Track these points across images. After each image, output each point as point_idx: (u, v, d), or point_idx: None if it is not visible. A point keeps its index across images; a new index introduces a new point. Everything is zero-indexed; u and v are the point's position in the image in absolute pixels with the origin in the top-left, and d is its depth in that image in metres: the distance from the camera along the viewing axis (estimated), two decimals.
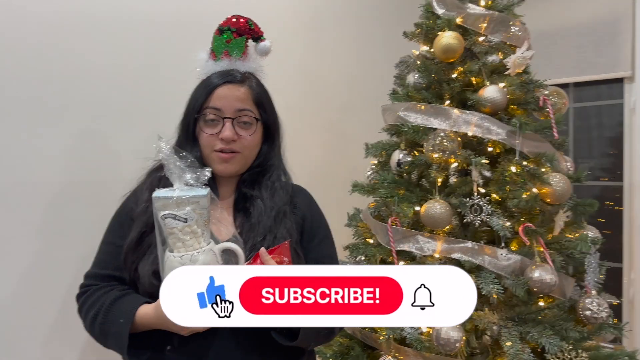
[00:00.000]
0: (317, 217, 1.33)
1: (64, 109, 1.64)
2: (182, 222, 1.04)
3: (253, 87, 1.26)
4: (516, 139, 1.74)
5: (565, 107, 1.91)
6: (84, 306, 1.19)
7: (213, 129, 1.21)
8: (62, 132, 1.64)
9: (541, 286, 1.67)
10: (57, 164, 1.63)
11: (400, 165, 1.90)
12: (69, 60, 1.65)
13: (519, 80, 1.84)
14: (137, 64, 1.81)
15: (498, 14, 1.88)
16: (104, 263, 1.24)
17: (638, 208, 2.51)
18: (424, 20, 2.02)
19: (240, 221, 1.22)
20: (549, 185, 1.73)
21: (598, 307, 1.72)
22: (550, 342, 1.61)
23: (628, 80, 2.65)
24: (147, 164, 1.30)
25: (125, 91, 1.78)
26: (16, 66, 1.54)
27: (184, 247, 1.06)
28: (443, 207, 1.73)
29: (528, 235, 1.72)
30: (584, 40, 2.71)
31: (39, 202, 1.57)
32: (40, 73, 1.58)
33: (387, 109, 1.97)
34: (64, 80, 1.63)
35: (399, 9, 2.82)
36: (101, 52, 1.72)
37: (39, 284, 1.58)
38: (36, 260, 1.57)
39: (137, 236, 1.18)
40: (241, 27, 1.32)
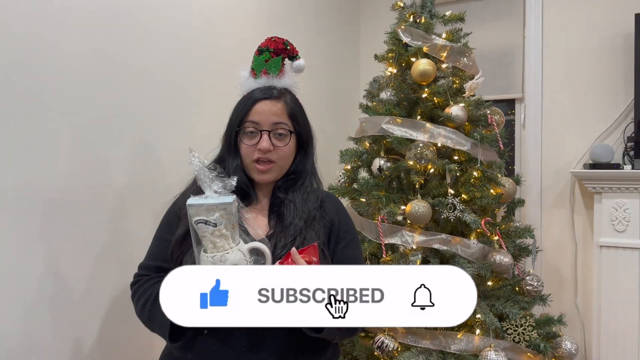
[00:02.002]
0: (345, 222, 1.42)
1: (112, 114, 1.71)
2: (212, 227, 1.17)
3: (288, 102, 1.39)
4: (478, 149, 2.15)
5: (502, 124, 2.37)
6: (135, 294, 1.32)
7: (252, 140, 1.34)
8: (112, 140, 1.74)
9: (500, 268, 2.09)
10: (120, 168, 1.76)
11: (381, 171, 2.20)
12: (113, 67, 1.73)
13: (474, 101, 2.26)
14: (178, 78, 1.99)
15: (457, 45, 2.28)
16: (154, 255, 1.37)
17: (528, 201, 3.11)
18: (391, 46, 2.35)
19: (273, 223, 1.35)
20: (502, 187, 2.17)
21: (537, 282, 2.20)
22: (511, 312, 2.04)
23: (519, 101, 3.27)
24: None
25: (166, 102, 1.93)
26: (55, 74, 1.56)
27: (215, 248, 1.18)
28: (425, 206, 2.07)
29: (488, 226, 2.13)
30: (486, 65, 3.27)
31: (47, 206, 1.58)
32: (84, 79, 1.62)
33: (368, 120, 2.25)
34: (113, 85, 1.72)
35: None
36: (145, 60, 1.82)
37: (55, 286, 1.61)
38: (50, 263, 1.59)
39: (182, 233, 1.31)
40: (278, 48, 1.45)
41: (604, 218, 2.78)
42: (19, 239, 1.48)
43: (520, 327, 2.05)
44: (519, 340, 2.04)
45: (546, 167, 3.09)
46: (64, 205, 1.60)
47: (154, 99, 1.91)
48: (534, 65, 3.13)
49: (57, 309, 1.58)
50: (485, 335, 2.00)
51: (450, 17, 2.34)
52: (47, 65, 1.55)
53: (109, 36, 1.74)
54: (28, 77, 1.50)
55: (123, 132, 1.79)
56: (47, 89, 1.55)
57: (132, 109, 1.83)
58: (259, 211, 1.38)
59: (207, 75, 2.14)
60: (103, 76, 1.72)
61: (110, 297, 1.75)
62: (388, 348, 1.97)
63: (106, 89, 1.73)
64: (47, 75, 1.55)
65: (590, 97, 2.95)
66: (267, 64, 1.42)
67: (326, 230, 1.37)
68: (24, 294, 1.50)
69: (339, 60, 3.32)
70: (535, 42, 3.13)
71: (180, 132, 2.02)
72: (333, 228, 1.38)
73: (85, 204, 1.67)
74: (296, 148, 1.40)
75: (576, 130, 2.99)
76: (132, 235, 1.81)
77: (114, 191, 1.77)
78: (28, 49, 1.50)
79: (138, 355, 1.84)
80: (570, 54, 3.00)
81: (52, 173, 1.57)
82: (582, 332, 2.96)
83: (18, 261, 1.48)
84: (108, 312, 1.74)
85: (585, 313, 2.95)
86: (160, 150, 1.94)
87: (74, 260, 1.63)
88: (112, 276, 1.74)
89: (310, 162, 1.45)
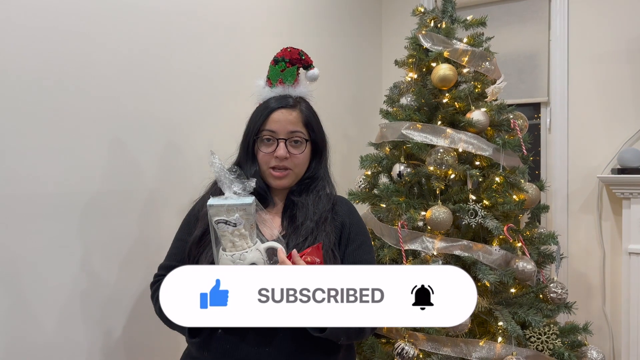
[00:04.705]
0: (356, 225, 1.47)
1: (138, 120, 1.78)
2: (232, 227, 1.21)
3: (303, 110, 1.43)
4: (500, 155, 2.12)
5: (526, 128, 2.33)
6: (155, 294, 1.36)
7: (269, 148, 1.38)
8: (142, 145, 1.82)
9: (523, 275, 2.06)
10: (150, 172, 1.86)
11: (401, 176, 2.19)
12: (142, 74, 1.79)
13: (496, 106, 2.23)
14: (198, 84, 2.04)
15: (478, 50, 2.26)
16: (174, 256, 1.42)
17: (554, 207, 3.06)
18: (412, 52, 2.35)
19: (286, 224, 1.39)
20: (525, 193, 2.14)
21: (561, 290, 2.16)
22: (534, 319, 2.00)
23: (544, 105, 3.21)
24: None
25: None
26: (89, 82, 1.61)
27: (234, 247, 1.22)
28: (446, 212, 2.06)
29: (510, 233, 2.10)
30: (509, 69, 3.23)
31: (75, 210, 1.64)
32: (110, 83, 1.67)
33: (388, 126, 2.25)
34: (142, 92, 1.79)
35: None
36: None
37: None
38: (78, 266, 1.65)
39: (199, 234, 1.36)
40: (293, 58, 1.48)
41: (633, 224, 2.71)
42: (56, 240, 1.56)
43: (544, 335, 2.02)
44: (542, 349, 2.01)
45: (573, 172, 3.03)
46: (98, 208, 1.67)
47: (181, 105, 1.96)
48: (560, 68, 3.08)
49: (89, 304, 1.66)
50: (507, 343, 1.97)
51: (471, 21, 2.32)
52: (81, 72, 1.61)
53: (139, 46, 1.79)
54: (62, 84, 1.56)
55: (152, 138, 1.85)
56: (81, 97, 1.62)
57: (160, 115, 1.88)
58: (275, 214, 1.42)
59: (230, 81, 2.18)
60: (133, 84, 1.78)
61: (137, 294, 1.81)
62: (408, 355, 1.96)
63: (136, 96, 1.79)
64: (82, 83, 1.62)
65: (618, 100, 2.88)
66: (282, 74, 1.46)
67: (337, 232, 1.40)
68: (60, 289, 1.58)
69: (361, 66, 3.32)
70: (561, 44, 3.07)
71: (203, 137, 2.06)
72: (344, 230, 1.41)
73: (117, 207, 1.74)
74: (311, 154, 1.44)
75: (603, 134, 2.92)
76: (159, 235, 1.86)
77: (143, 194, 1.83)
78: (60, 57, 1.56)
79: (164, 349, 1.89)
80: (596, 56, 2.94)
81: (87, 178, 1.64)
82: (610, 341, 2.89)
83: (55, 260, 1.56)
84: (135, 308, 1.80)
85: (614, 321, 2.88)
86: (186, 154, 1.99)
87: (105, 260, 1.71)
88: (140, 274, 1.80)
89: (324, 167, 1.49)
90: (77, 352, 1.62)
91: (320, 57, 2.80)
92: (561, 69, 3.07)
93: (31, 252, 1.50)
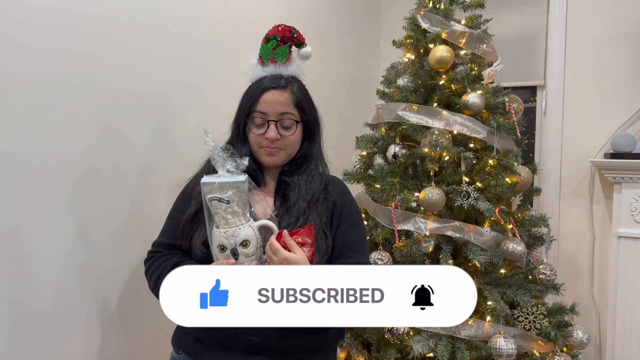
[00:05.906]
0: (348, 204, 1.45)
1: (134, 100, 1.76)
2: (225, 204, 1.23)
3: (294, 91, 1.42)
4: (494, 137, 2.14)
5: (521, 112, 2.35)
6: (148, 270, 1.39)
7: (260, 130, 1.38)
8: (132, 122, 1.81)
9: (513, 256, 2.10)
10: (141, 149, 1.85)
11: (396, 157, 2.21)
12: (135, 54, 1.76)
13: (492, 88, 2.24)
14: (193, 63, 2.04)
15: (476, 32, 2.26)
16: (168, 233, 1.44)
17: (546, 190, 3.10)
18: (410, 32, 2.35)
19: (278, 204, 1.41)
20: (518, 175, 2.16)
21: (550, 271, 2.20)
22: (522, 300, 2.05)
23: (540, 88, 3.22)
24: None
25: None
26: (79, 58, 1.61)
27: (227, 224, 1.24)
28: (439, 193, 2.08)
29: (502, 215, 2.13)
30: (507, 51, 3.22)
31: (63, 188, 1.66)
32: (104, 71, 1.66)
33: (384, 107, 2.26)
34: (134, 70, 1.75)
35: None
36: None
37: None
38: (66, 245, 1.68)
39: (193, 212, 1.38)
40: (285, 36, 1.45)
41: (624, 208, 2.75)
42: (52, 214, 1.59)
43: (532, 315, 2.06)
44: (529, 328, 2.06)
45: (566, 155, 3.06)
46: (90, 183, 1.69)
47: (172, 83, 1.96)
48: (557, 51, 3.07)
49: (86, 275, 1.69)
50: (495, 322, 2.02)
51: (470, 3, 2.32)
52: (71, 49, 1.60)
53: (131, 24, 1.78)
54: (52, 61, 1.56)
55: (142, 115, 1.85)
56: (72, 73, 1.61)
57: (150, 93, 1.88)
58: (266, 193, 1.43)
59: (222, 61, 2.16)
60: (124, 62, 1.77)
61: (132, 267, 1.84)
62: (399, 332, 2.00)
63: (127, 74, 1.78)
64: (72, 59, 1.61)
65: (614, 85, 2.89)
66: (274, 52, 1.44)
67: (329, 212, 1.41)
68: (58, 260, 1.61)
69: (359, 46, 3.31)
70: (559, 27, 3.07)
71: (194, 115, 2.05)
72: (336, 210, 1.42)
73: (109, 182, 1.75)
74: (303, 135, 1.44)
75: (598, 118, 2.94)
76: (151, 211, 1.88)
77: (134, 170, 1.84)
78: (51, 34, 1.55)
79: (158, 320, 1.91)
80: (594, 40, 2.94)
81: (78, 152, 1.65)
82: (597, 323, 2.95)
83: (52, 233, 1.59)
84: (130, 281, 1.84)
85: (601, 303, 2.94)
86: (176, 132, 1.99)
87: (100, 233, 1.73)
88: (135, 248, 1.82)
89: (317, 147, 1.49)
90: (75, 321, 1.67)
91: (319, 35, 2.80)
92: (558, 52, 3.07)
93: (30, 224, 1.52)
